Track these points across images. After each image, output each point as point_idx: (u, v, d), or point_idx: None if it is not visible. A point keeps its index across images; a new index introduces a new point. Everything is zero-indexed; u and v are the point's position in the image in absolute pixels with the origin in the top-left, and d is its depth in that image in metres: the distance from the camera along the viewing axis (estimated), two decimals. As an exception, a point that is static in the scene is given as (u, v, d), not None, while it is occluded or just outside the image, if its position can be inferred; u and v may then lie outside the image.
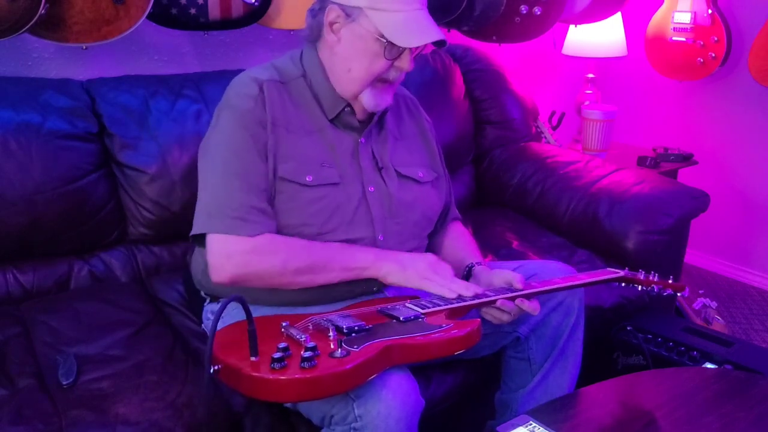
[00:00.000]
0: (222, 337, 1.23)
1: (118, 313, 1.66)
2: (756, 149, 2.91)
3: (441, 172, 1.64)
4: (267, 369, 1.10)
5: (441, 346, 1.23)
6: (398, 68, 1.41)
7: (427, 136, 1.64)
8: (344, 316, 1.28)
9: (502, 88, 2.56)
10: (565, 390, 1.55)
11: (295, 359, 1.11)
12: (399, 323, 1.27)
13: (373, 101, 1.44)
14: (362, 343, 1.17)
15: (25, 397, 1.36)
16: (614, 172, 2.29)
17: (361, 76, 1.41)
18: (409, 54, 1.40)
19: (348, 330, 1.21)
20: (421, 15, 1.39)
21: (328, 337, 1.18)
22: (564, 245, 2.16)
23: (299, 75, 1.48)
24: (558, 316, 1.52)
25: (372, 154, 1.50)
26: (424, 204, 1.55)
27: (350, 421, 1.18)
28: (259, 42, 2.33)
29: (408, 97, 1.67)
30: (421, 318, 1.29)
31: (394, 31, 1.35)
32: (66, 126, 1.78)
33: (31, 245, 1.78)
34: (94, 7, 1.79)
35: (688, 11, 2.74)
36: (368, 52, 1.39)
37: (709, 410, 1.30)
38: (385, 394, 1.17)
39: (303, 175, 1.40)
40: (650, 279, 1.59)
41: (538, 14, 2.44)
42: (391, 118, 1.58)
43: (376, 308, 1.34)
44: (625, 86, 3.27)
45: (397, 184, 1.51)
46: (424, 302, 1.34)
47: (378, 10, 1.35)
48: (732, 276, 3.09)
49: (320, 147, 1.45)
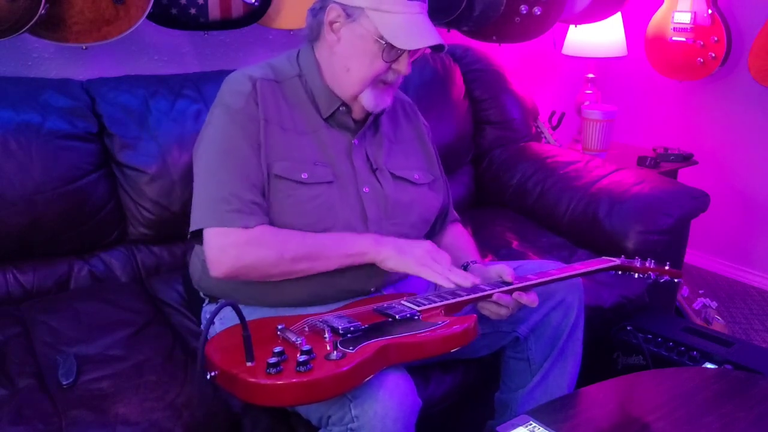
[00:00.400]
0: (218, 341, 1.23)
1: (118, 313, 1.66)
2: (756, 149, 2.91)
3: (438, 174, 1.64)
4: (263, 374, 1.10)
5: (437, 343, 1.23)
6: (396, 71, 1.42)
7: (424, 140, 1.64)
8: (340, 317, 1.28)
9: (502, 88, 2.56)
10: (565, 390, 1.55)
11: (291, 363, 1.11)
12: (395, 322, 1.27)
13: (373, 101, 1.44)
14: (358, 343, 1.17)
15: (25, 397, 1.36)
16: (614, 172, 2.29)
17: (359, 77, 1.41)
18: (408, 57, 1.40)
19: (344, 331, 1.21)
20: (421, 19, 1.39)
21: (324, 338, 1.18)
22: (564, 245, 2.16)
23: (295, 74, 1.48)
24: (558, 316, 1.52)
25: (366, 156, 1.50)
26: (420, 205, 1.55)
27: (347, 422, 1.18)
28: (259, 42, 2.33)
29: (406, 102, 1.67)
30: (417, 316, 1.29)
31: (393, 32, 1.36)
32: (66, 126, 1.78)
33: (31, 245, 1.78)
34: (94, 7, 1.79)
35: (688, 11, 2.74)
36: (367, 53, 1.39)
37: (709, 410, 1.30)
38: (382, 394, 1.17)
39: (298, 172, 1.41)
40: (646, 266, 1.59)
41: (538, 14, 2.44)
42: (388, 121, 1.58)
43: (373, 307, 1.34)
44: (625, 86, 3.27)
45: (393, 185, 1.51)
46: (420, 299, 1.34)
47: (379, 11, 1.36)
48: (732, 276, 3.09)
49: (314, 146, 1.45)
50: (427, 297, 1.35)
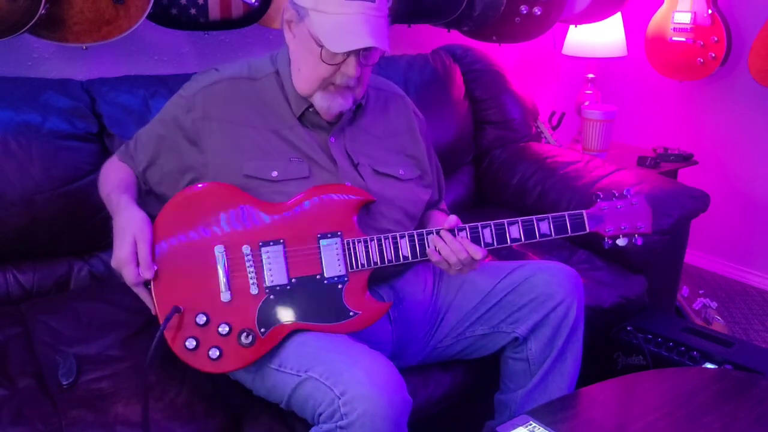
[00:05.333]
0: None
1: (118, 313, 1.66)
2: (756, 149, 2.91)
3: (428, 169, 1.61)
4: (182, 349, 1.30)
5: (342, 332, 1.35)
6: (343, 74, 1.37)
7: (414, 133, 1.61)
8: (276, 257, 1.35)
9: (502, 88, 2.56)
10: (565, 391, 1.55)
11: (204, 348, 1.30)
12: (320, 286, 1.35)
13: (325, 104, 1.42)
14: (271, 324, 1.32)
15: (25, 397, 1.36)
16: (614, 173, 2.29)
17: (307, 78, 1.41)
18: (354, 60, 1.35)
19: (269, 288, 1.33)
20: (359, 19, 1.32)
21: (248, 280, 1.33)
22: (564, 245, 2.16)
23: (271, 72, 1.49)
24: (557, 317, 1.51)
25: (346, 153, 1.49)
26: (404, 201, 1.52)
27: (337, 419, 1.19)
28: (259, 42, 2.33)
29: (397, 93, 1.64)
30: (344, 282, 1.36)
31: (326, 34, 1.33)
32: (66, 126, 1.78)
33: (31, 245, 1.78)
34: (94, 7, 1.79)
35: (688, 11, 2.74)
36: (311, 54, 1.37)
37: (709, 410, 1.30)
38: (371, 392, 1.17)
39: (268, 170, 1.41)
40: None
41: (538, 14, 2.44)
42: (373, 117, 1.55)
43: (317, 234, 1.37)
44: (625, 86, 3.27)
45: (375, 180, 1.49)
46: (359, 249, 1.37)
47: (319, 12, 1.33)
48: (732, 276, 3.09)
49: (289, 143, 1.45)
50: (364, 247, 1.38)
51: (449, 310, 1.56)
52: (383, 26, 1.36)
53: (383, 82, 1.64)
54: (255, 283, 1.33)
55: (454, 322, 1.56)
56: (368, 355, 1.26)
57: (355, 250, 1.37)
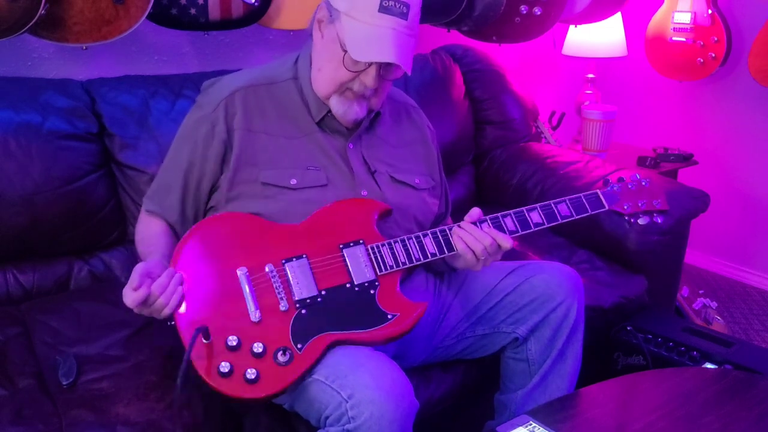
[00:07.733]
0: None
1: (118, 313, 1.65)
2: (756, 149, 2.91)
3: (438, 180, 1.63)
4: (215, 376, 1.20)
5: (383, 337, 1.31)
6: (362, 82, 1.38)
7: (428, 143, 1.63)
8: (302, 269, 1.32)
9: (502, 88, 2.56)
10: (565, 391, 1.55)
11: (240, 371, 1.20)
12: (350, 291, 1.32)
13: (341, 108, 1.42)
14: (308, 336, 1.25)
15: (25, 397, 1.36)
16: (614, 173, 2.29)
17: (326, 78, 1.41)
18: (375, 71, 1.36)
19: (299, 302, 1.29)
20: (389, 34, 1.33)
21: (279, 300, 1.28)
22: (564, 245, 2.16)
23: (289, 78, 1.49)
24: (557, 317, 1.51)
25: (363, 159, 1.50)
26: (418, 210, 1.53)
27: (344, 423, 1.18)
28: (259, 42, 2.33)
29: (411, 105, 1.66)
30: (375, 287, 1.33)
31: (353, 41, 1.34)
32: (66, 126, 1.78)
33: (31, 245, 1.78)
34: (94, 7, 1.79)
35: (688, 11, 2.74)
36: (334, 57, 1.38)
37: (709, 410, 1.31)
38: (378, 395, 1.17)
39: (287, 178, 1.42)
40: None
41: (538, 14, 2.44)
42: (390, 125, 1.57)
43: (339, 245, 1.36)
44: (625, 86, 3.27)
45: (392, 188, 1.50)
46: (384, 252, 1.36)
47: (351, 18, 1.34)
48: (732, 276, 3.09)
49: (307, 150, 1.45)
50: (391, 250, 1.37)
51: (450, 309, 1.57)
52: (410, 46, 1.37)
53: (398, 93, 1.66)
54: (284, 299, 1.29)
55: (455, 322, 1.56)
56: (373, 358, 1.25)
57: (381, 254, 1.36)
